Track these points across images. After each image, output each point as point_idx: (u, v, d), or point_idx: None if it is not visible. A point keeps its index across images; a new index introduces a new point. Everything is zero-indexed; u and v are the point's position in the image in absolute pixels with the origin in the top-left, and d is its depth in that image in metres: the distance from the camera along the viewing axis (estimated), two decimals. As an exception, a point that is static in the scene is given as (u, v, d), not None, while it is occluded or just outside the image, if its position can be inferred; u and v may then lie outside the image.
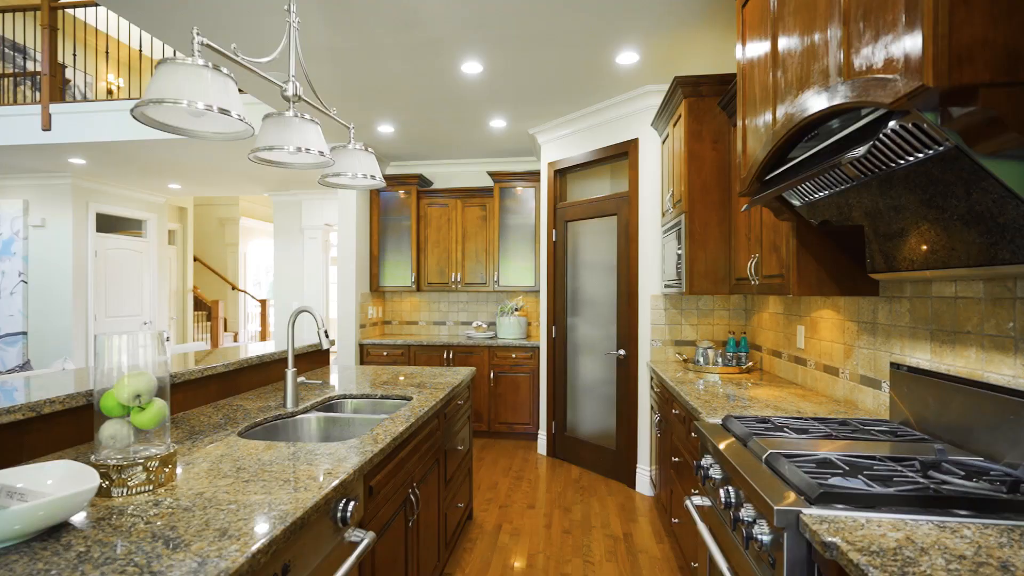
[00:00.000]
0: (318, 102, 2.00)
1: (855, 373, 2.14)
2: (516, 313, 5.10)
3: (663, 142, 3.48)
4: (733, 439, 1.66)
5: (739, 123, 2.00)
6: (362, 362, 5.00)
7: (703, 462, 1.75)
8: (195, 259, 9.44)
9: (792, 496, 1.18)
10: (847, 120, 1.33)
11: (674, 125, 3.10)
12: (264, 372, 2.52)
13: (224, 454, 1.48)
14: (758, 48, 1.81)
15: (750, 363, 3.06)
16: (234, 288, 9.71)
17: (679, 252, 2.94)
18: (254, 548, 0.94)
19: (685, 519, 2.50)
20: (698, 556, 1.93)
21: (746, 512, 1.33)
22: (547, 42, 2.89)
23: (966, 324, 1.55)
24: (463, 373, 2.93)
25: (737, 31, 2.03)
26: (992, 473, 1.25)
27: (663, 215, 3.50)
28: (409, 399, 2.29)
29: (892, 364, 1.81)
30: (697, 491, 2.16)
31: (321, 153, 1.81)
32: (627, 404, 3.72)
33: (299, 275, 7.18)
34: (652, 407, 3.45)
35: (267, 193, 7.15)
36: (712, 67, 3.20)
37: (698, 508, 1.76)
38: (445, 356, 4.87)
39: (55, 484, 1.10)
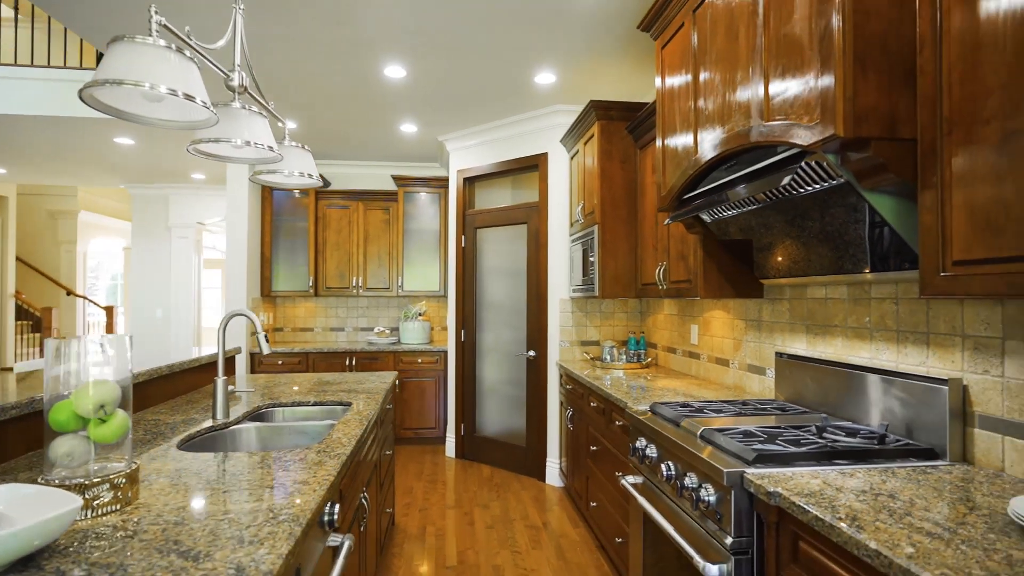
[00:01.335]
0: (259, 94, 1.89)
1: (743, 363, 2.55)
2: (420, 318, 5.10)
3: (571, 158, 3.77)
4: (667, 422, 1.91)
5: (659, 147, 2.29)
6: (253, 371, 4.64)
7: (638, 444, 1.99)
8: (18, 259, 7.92)
9: (732, 461, 1.43)
10: (759, 155, 1.64)
11: (585, 143, 3.40)
12: (172, 384, 2.29)
13: (178, 468, 1.37)
14: (678, 84, 2.10)
15: (649, 359, 3.44)
16: (70, 293, 8.31)
17: (592, 259, 3.22)
18: (285, 551, 0.93)
19: (602, 503, 2.75)
20: (629, 528, 2.16)
21: (690, 480, 1.56)
22: (475, 56, 3.00)
23: (834, 319, 1.96)
24: (388, 377, 2.91)
25: (656, 67, 2.32)
26: (862, 432, 1.62)
27: (571, 224, 3.79)
28: (348, 404, 2.24)
29: (776, 353, 2.21)
30: (622, 472, 2.41)
31: (270, 148, 1.74)
32: (537, 402, 3.94)
33: (164, 279, 6.40)
34: (562, 403, 3.70)
35: (125, 185, 6.28)
36: (620, 94, 3.56)
37: (633, 485, 1.99)
38: (348, 363, 4.71)
39: (10, 509, 0.96)
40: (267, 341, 1.91)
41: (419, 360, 4.76)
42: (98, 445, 1.13)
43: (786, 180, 1.43)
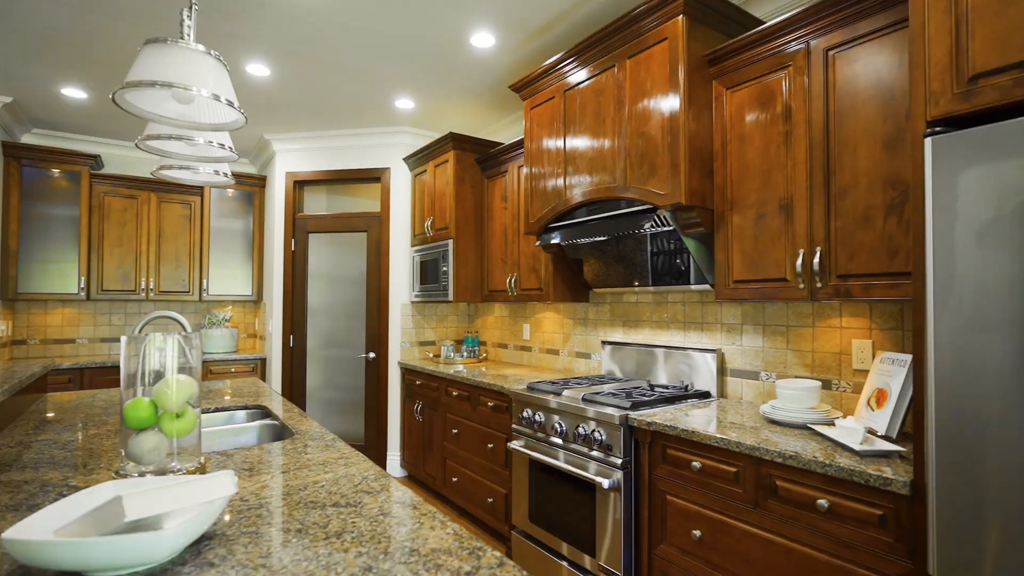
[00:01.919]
0: None
1: (572, 351, 3.38)
2: (227, 324, 4.71)
3: (415, 176, 4.16)
4: (547, 394, 2.54)
5: (528, 186, 2.94)
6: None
7: (524, 414, 2.58)
8: None
9: (616, 410, 2.14)
10: (612, 206, 2.42)
11: (436, 166, 3.85)
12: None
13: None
14: (547, 139, 2.79)
15: (484, 354, 4.06)
16: None
17: (445, 269, 3.69)
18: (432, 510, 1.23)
19: (466, 476, 3.24)
20: (513, 483, 2.71)
21: (583, 428, 2.22)
22: (343, 74, 3.18)
23: (642, 316, 2.90)
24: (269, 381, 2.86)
25: (525, 120, 2.97)
26: (674, 387, 2.54)
27: (414, 236, 4.17)
28: (263, 407, 2.24)
29: (602, 341, 3.07)
30: (493, 444, 2.95)
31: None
32: (378, 400, 4.17)
33: None
34: (405, 399, 4.03)
35: None
36: (467, 126, 4.11)
37: (521, 446, 2.56)
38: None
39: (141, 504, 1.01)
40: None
41: (232, 369, 4.42)
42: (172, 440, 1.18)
43: (646, 224, 2.23)
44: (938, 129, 1.27)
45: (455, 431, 3.35)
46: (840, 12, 1.76)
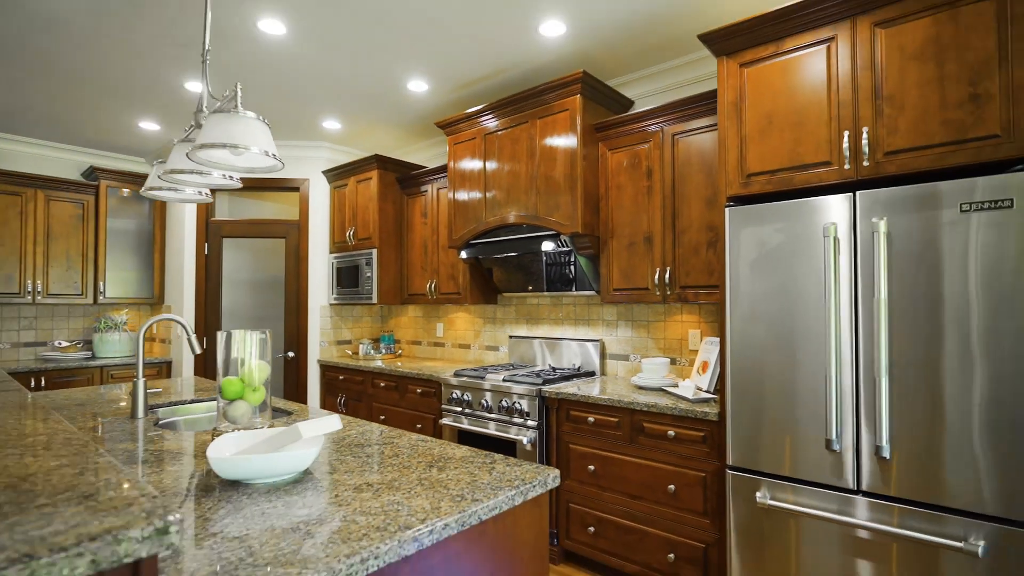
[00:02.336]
0: None
1: (482, 345, 4.04)
2: (125, 328, 4.59)
3: (335, 188, 4.51)
4: (473, 379, 3.17)
5: (451, 207, 3.53)
6: None
7: (454, 395, 3.18)
8: None
9: (531, 387, 2.84)
10: (523, 229, 3.13)
11: (359, 182, 4.25)
12: None
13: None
14: (467, 169, 3.41)
15: (400, 351, 4.55)
16: None
17: (369, 274, 4.12)
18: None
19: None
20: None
21: (506, 402, 2.89)
22: (279, 97, 3.49)
23: (542, 315, 3.66)
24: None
25: (448, 151, 3.56)
26: (568, 368, 3.31)
27: (334, 243, 4.51)
28: (231, 397, 2.55)
29: (509, 336, 3.77)
30: (421, 425, 3.50)
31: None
32: (297, 395, 4.44)
33: None
34: (325, 393, 4.37)
35: None
36: (386, 146, 4.54)
37: (451, 422, 3.15)
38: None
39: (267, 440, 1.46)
40: (198, 343, 2.20)
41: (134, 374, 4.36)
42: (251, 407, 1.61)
43: (550, 245, 2.96)
44: (731, 203, 2.16)
45: (383, 417, 3.82)
46: (682, 111, 2.64)
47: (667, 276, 2.69)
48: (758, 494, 2.01)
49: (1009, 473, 1.56)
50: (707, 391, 2.53)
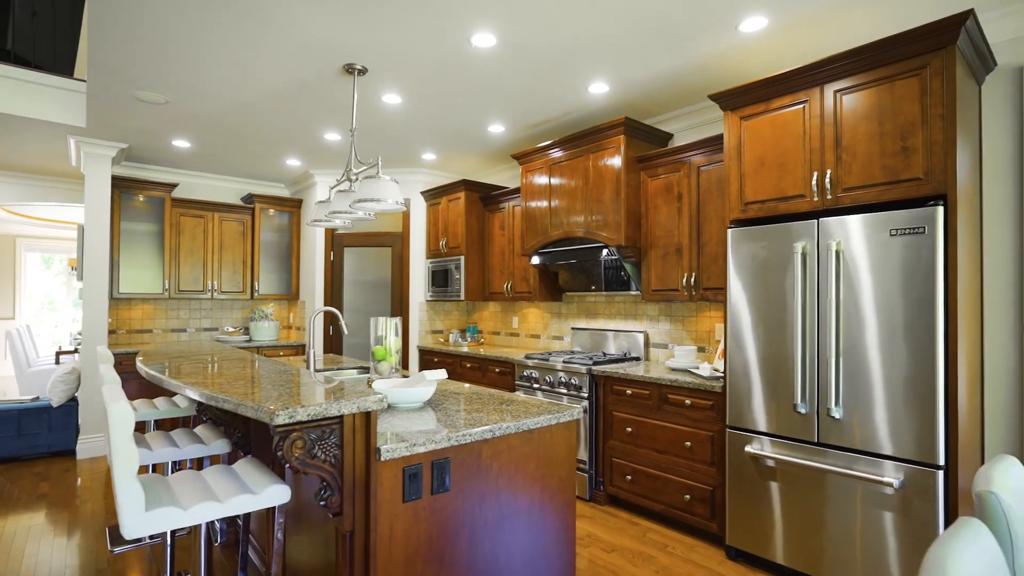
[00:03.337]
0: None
1: (550, 335, 4.84)
2: (271, 318, 5.88)
3: (431, 206, 5.50)
4: (540, 360, 3.98)
5: (524, 222, 4.36)
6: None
7: (525, 373, 4.01)
8: None
9: (585, 367, 3.60)
10: (577, 240, 3.88)
11: (450, 201, 5.21)
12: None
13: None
14: (537, 191, 4.22)
15: (482, 340, 5.47)
16: None
17: (458, 276, 5.06)
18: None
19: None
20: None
21: (564, 377, 3.68)
22: (392, 142, 4.49)
23: (599, 310, 4.39)
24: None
25: (521, 176, 4.39)
26: (618, 354, 4.03)
27: (429, 251, 5.51)
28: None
29: (572, 328, 4.54)
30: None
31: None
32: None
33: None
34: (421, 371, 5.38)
35: None
36: (470, 170, 5.48)
37: (526, 394, 3.99)
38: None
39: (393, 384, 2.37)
40: (345, 329, 3.20)
41: (280, 353, 5.62)
42: (389, 365, 2.53)
43: (604, 253, 3.70)
44: (732, 225, 2.80)
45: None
46: (704, 149, 3.28)
47: (693, 279, 3.34)
48: (747, 447, 2.65)
49: (921, 429, 2.12)
50: (720, 372, 3.16)
